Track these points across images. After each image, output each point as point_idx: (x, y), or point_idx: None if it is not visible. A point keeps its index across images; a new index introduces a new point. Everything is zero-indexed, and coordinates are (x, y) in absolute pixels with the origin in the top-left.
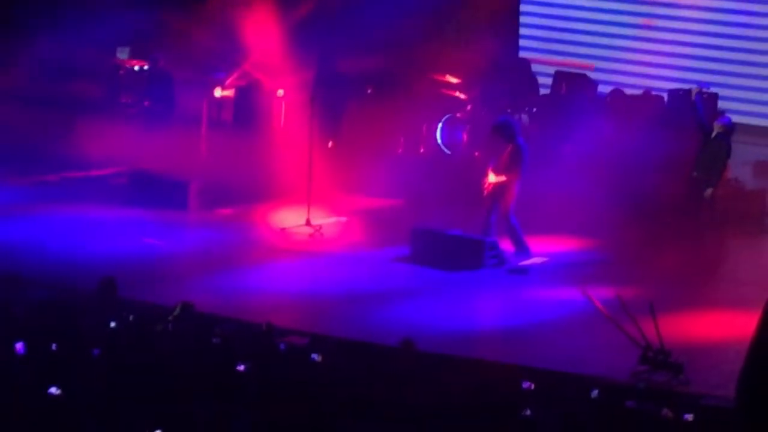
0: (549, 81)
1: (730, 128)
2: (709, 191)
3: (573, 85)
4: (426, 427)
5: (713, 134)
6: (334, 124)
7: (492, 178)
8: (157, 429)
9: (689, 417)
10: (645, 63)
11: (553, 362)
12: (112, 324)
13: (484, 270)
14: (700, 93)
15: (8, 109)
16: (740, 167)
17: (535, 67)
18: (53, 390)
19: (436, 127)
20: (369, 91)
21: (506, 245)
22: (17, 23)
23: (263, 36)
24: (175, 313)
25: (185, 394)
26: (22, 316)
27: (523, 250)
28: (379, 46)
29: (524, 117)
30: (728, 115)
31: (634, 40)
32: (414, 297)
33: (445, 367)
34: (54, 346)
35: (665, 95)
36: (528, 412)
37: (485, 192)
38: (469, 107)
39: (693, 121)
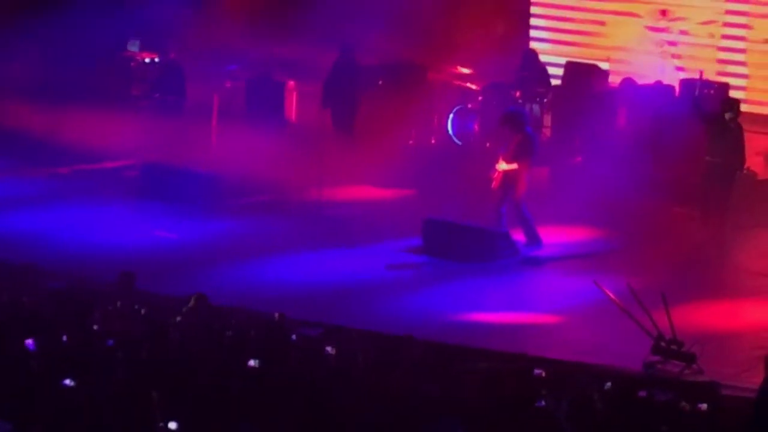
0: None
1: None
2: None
3: (584, 75)
4: (438, 416)
5: (727, 118)
6: (347, 115)
7: (502, 166)
8: (171, 421)
9: (703, 406)
10: (655, 53)
11: (565, 352)
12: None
13: (497, 261)
14: (702, 81)
15: (20, 102)
16: (752, 157)
17: (545, 58)
18: (67, 382)
19: (448, 118)
20: (380, 82)
21: (518, 236)
22: (28, 15)
23: (274, 27)
24: (190, 305)
25: (197, 385)
26: (35, 306)
27: (535, 241)
28: (392, 37)
29: (535, 107)
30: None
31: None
32: (426, 288)
33: (458, 357)
34: (65, 338)
35: (677, 85)
36: (542, 403)
37: (494, 182)
38: (480, 98)
39: (695, 110)
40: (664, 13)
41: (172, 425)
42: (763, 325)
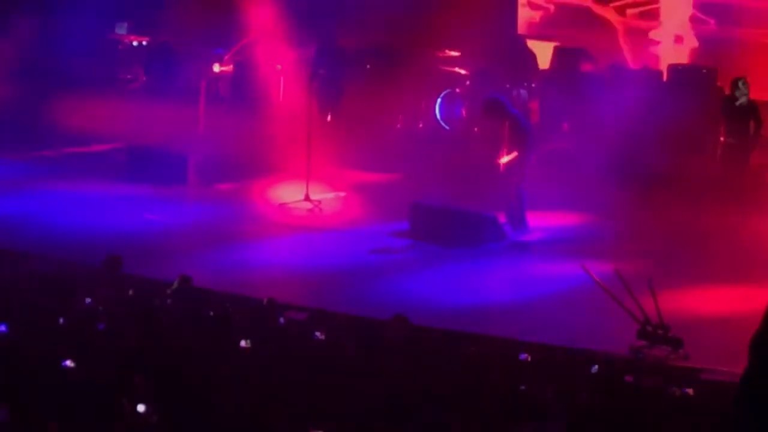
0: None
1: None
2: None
3: (572, 60)
4: (423, 402)
5: (744, 94)
6: (334, 99)
7: (504, 159)
8: (140, 404)
9: (689, 391)
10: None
11: (552, 337)
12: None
13: (484, 245)
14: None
15: (6, 84)
16: None
17: (533, 42)
18: (68, 363)
19: (435, 103)
20: (368, 66)
21: (504, 216)
22: None
23: (262, 11)
24: (174, 286)
25: (184, 368)
26: (20, 290)
27: (522, 225)
28: (379, 21)
29: (523, 92)
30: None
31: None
32: (413, 272)
33: (444, 341)
34: (58, 321)
35: (664, 70)
36: (524, 387)
37: (502, 170)
38: (468, 82)
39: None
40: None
41: (140, 407)
42: (750, 312)
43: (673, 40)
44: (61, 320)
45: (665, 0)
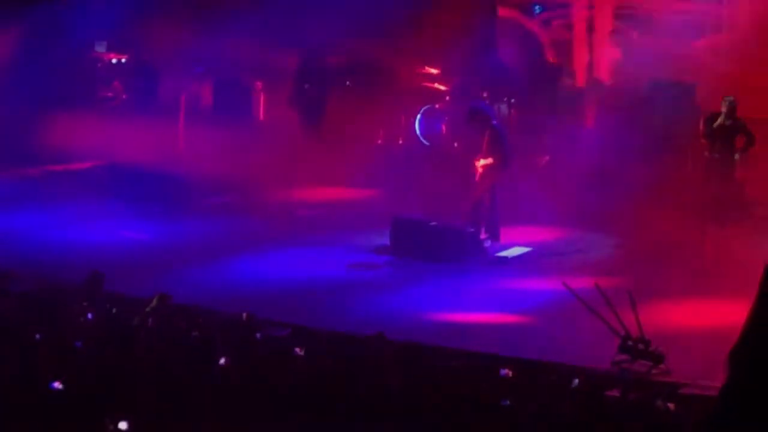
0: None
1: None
2: (736, 156)
3: (551, 75)
4: (405, 416)
5: (723, 113)
6: (316, 116)
7: (481, 162)
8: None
9: (670, 406)
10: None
11: (533, 352)
12: (91, 316)
13: (465, 260)
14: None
15: None
16: None
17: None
18: (56, 384)
19: (415, 119)
20: (348, 83)
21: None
22: None
23: (243, 27)
24: (153, 305)
25: (162, 386)
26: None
27: (494, 236)
28: (361, 39)
29: (503, 107)
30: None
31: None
32: (394, 287)
33: (426, 357)
34: (37, 337)
35: (644, 85)
36: (507, 402)
37: (477, 179)
38: (447, 98)
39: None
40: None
41: (123, 425)
42: (730, 325)
43: None
44: (38, 336)
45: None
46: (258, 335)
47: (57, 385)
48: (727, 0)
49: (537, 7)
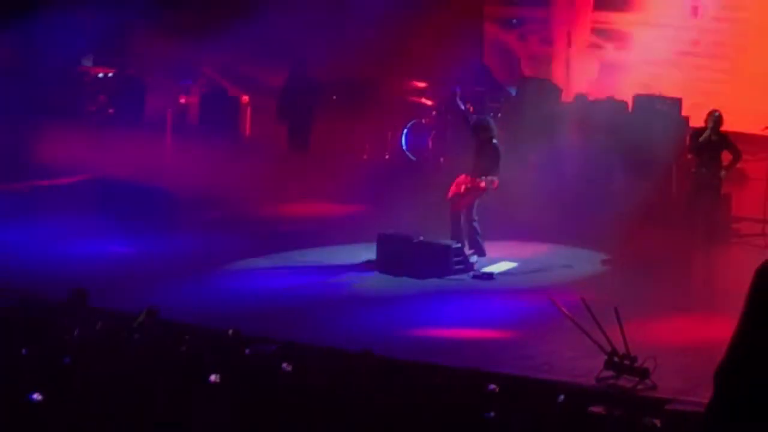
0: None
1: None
2: (722, 173)
3: (537, 89)
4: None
5: (707, 129)
6: (302, 131)
7: (483, 181)
8: None
9: (656, 422)
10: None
11: (518, 367)
12: (78, 332)
13: (450, 276)
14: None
15: None
16: None
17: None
18: (36, 396)
19: (401, 134)
20: (334, 97)
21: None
22: None
23: (230, 42)
24: (140, 319)
25: (150, 401)
26: None
27: (479, 251)
28: (347, 53)
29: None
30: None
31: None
32: (380, 303)
33: (411, 373)
34: (24, 352)
35: (629, 101)
36: (492, 415)
37: (454, 193)
38: (434, 113)
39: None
40: None
41: None
42: (716, 341)
43: None
44: (24, 351)
45: None
46: (247, 351)
47: (36, 396)
48: (703, 14)
49: (514, 21)
